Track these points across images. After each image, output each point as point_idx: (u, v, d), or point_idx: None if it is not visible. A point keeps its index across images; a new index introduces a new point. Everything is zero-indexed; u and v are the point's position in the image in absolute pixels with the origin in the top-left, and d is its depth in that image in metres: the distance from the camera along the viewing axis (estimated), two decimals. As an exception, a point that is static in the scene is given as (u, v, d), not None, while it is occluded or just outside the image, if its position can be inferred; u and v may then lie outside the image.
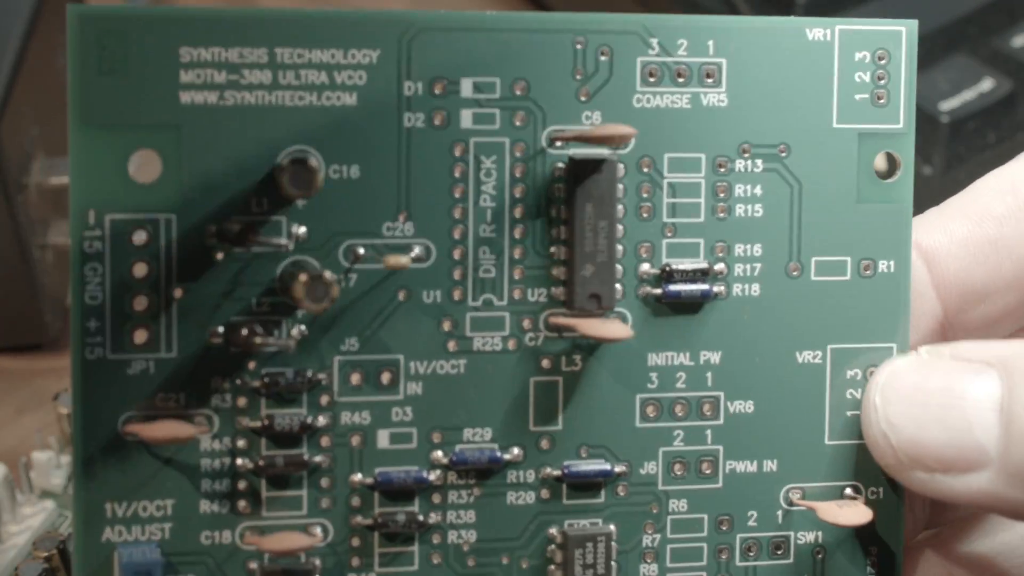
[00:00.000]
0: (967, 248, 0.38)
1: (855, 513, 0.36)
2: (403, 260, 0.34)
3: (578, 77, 0.35)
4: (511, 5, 0.65)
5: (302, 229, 0.34)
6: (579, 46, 0.35)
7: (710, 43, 0.36)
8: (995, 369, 0.35)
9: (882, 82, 0.36)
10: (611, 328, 0.35)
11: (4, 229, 0.51)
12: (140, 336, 0.33)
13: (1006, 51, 0.60)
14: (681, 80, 0.35)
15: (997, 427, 0.35)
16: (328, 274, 0.33)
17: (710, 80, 0.36)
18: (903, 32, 0.36)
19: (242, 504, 0.34)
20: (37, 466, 0.47)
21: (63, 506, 0.46)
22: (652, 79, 0.35)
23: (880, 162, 0.37)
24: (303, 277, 0.33)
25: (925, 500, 0.39)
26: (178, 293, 0.33)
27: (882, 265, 0.37)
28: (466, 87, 0.34)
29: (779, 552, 0.37)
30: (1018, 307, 0.38)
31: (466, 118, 0.34)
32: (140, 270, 0.33)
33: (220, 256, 0.33)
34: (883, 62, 0.36)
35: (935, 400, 0.35)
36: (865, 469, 0.37)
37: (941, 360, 0.36)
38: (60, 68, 0.55)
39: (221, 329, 0.34)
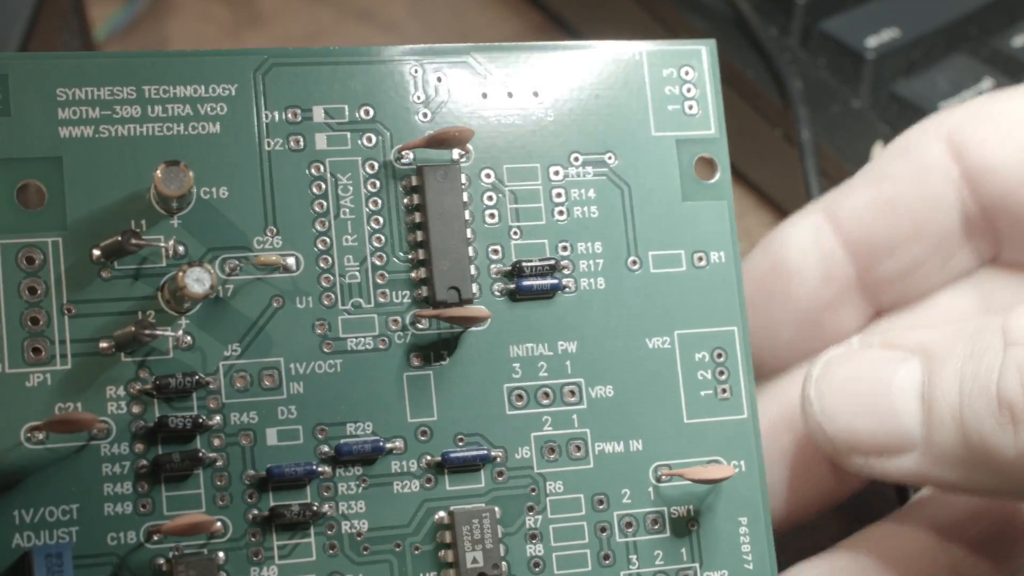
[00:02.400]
0: (869, 208, 0.42)
1: (719, 469, 0.39)
2: (273, 257, 0.37)
3: (418, 100, 0.39)
4: (518, 12, 0.66)
5: (180, 247, 0.37)
6: (416, 72, 0.39)
7: (532, 65, 0.40)
8: (917, 357, 0.38)
9: (691, 94, 0.41)
10: (472, 311, 0.38)
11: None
12: (35, 351, 0.36)
13: (1006, 51, 0.59)
14: (511, 98, 0.39)
15: (920, 413, 0.38)
16: (205, 263, 0.36)
17: (536, 98, 0.40)
18: (703, 50, 0.41)
19: (144, 504, 0.36)
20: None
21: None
22: (483, 99, 0.39)
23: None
24: (183, 267, 0.35)
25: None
26: (69, 309, 0.36)
27: (714, 256, 0.40)
28: (318, 113, 0.38)
29: (656, 527, 0.39)
30: (927, 257, 0.42)
31: (320, 141, 0.38)
32: (32, 289, 0.36)
33: (106, 274, 0.36)
34: (689, 77, 0.41)
35: (865, 390, 0.39)
36: (725, 443, 0.40)
37: (870, 350, 0.39)
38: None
39: (111, 341, 0.36)
